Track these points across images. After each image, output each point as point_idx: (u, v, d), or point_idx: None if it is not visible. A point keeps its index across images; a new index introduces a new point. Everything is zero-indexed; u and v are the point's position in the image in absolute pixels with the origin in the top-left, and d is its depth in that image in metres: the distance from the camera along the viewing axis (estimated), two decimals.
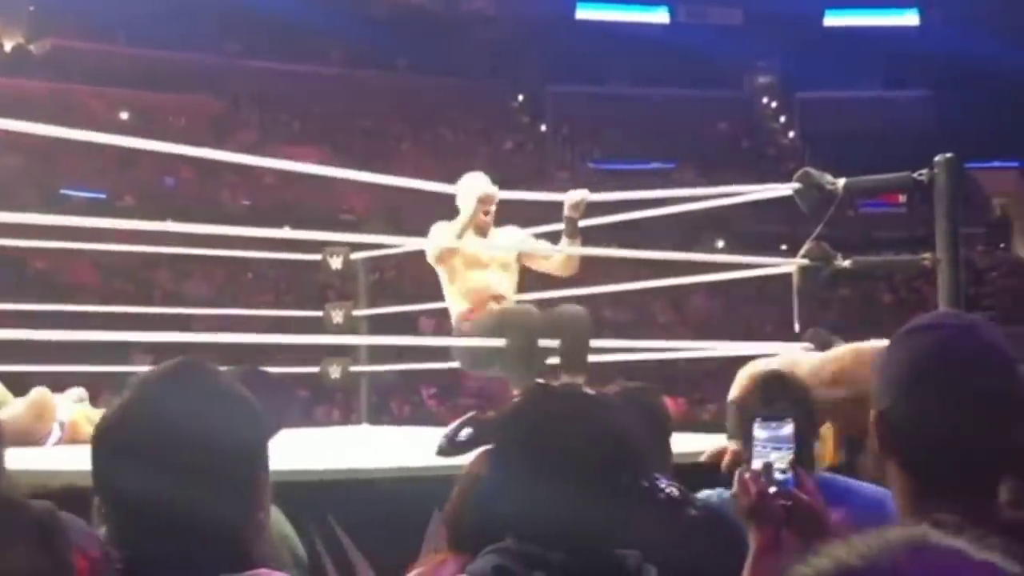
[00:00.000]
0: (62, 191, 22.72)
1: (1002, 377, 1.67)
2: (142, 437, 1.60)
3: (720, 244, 26.90)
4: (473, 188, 6.11)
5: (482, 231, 6.22)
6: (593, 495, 1.83)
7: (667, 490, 1.91)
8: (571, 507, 1.82)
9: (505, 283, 6.24)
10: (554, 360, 5.92)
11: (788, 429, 1.99)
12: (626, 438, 1.90)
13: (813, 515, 1.92)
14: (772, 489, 1.93)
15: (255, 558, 1.64)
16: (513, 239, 6.31)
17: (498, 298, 6.14)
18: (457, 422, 2.04)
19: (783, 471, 1.97)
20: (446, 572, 2.42)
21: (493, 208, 6.19)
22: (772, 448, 1.98)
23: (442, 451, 2.09)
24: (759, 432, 1.98)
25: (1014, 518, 1.69)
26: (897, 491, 1.72)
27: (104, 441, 1.64)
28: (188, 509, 1.57)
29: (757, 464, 1.97)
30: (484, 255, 6.23)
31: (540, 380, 1.90)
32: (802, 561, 0.86)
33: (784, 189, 5.86)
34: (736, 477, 2.00)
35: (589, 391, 1.97)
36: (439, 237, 6.14)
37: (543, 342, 5.72)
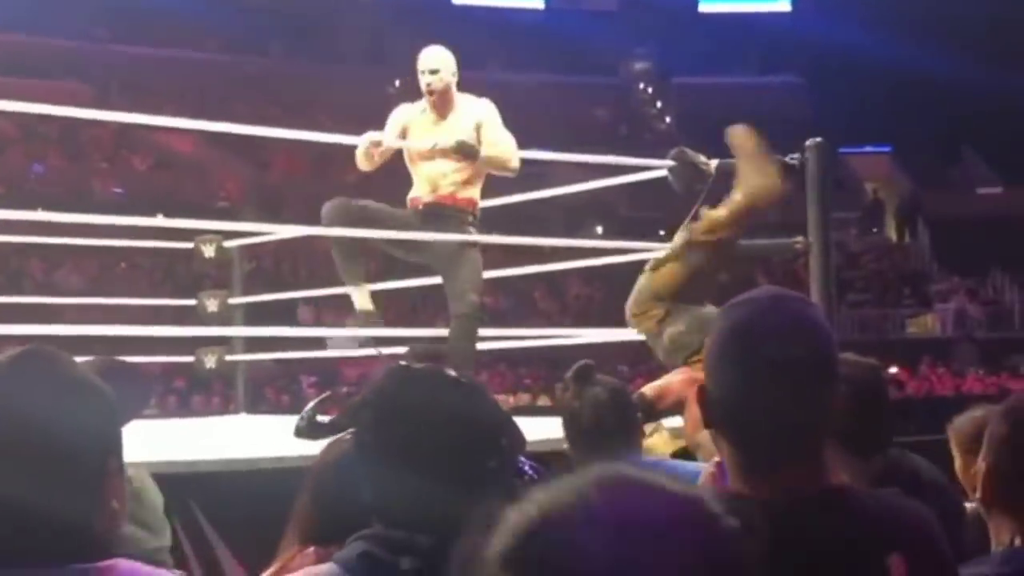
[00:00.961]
0: None
1: (804, 345, 1.70)
2: None
3: (600, 230, 27.07)
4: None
5: (439, 112, 6.09)
6: (460, 479, 1.80)
7: (531, 473, 1.89)
8: (437, 492, 1.79)
9: (453, 172, 6.04)
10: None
11: None
12: (492, 421, 1.87)
13: None
14: None
15: (112, 547, 1.61)
16: (460, 126, 6.06)
17: (436, 188, 6.04)
18: (314, 402, 2.00)
19: None
20: (306, 563, 2.38)
21: (437, 86, 6.03)
22: None
23: (300, 432, 2.03)
24: None
25: (837, 484, 1.73)
26: (727, 464, 1.76)
27: None
28: (35, 500, 1.53)
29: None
30: (425, 145, 6.06)
31: (402, 362, 1.87)
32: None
33: (660, 168, 5.93)
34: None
35: (452, 373, 1.94)
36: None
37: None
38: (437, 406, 1.84)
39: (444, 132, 6.01)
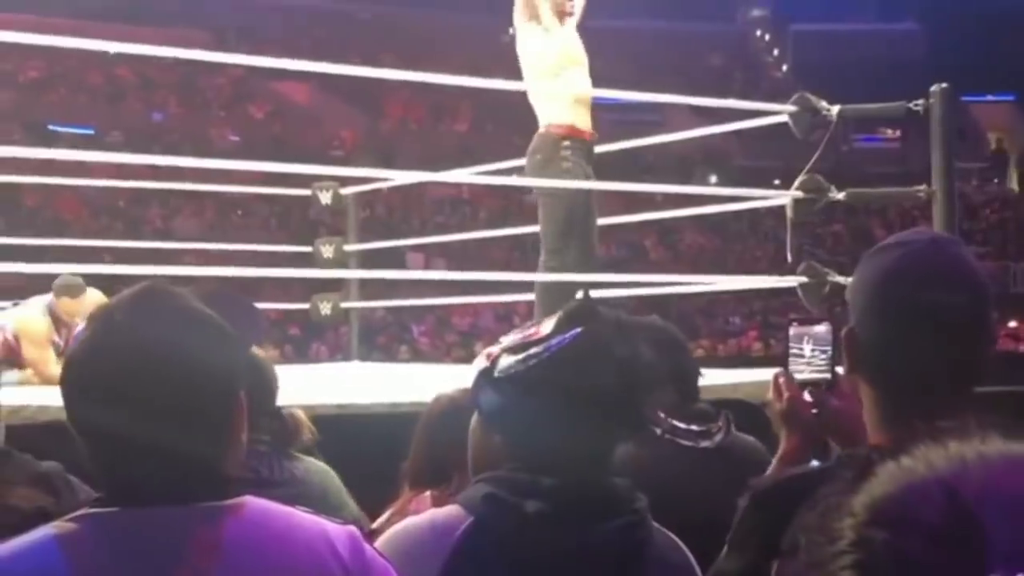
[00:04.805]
0: (50, 127, 22.58)
1: (966, 291, 1.64)
2: (110, 366, 1.53)
3: (713, 179, 26.83)
4: None
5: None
6: (590, 425, 1.80)
7: (670, 423, 1.86)
8: (566, 436, 1.78)
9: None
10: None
11: (824, 330, 1.99)
12: (630, 370, 1.85)
13: (844, 419, 1.92)
14: (806, 394, 1.94)
15: (238, 484, 1.59)
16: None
17: (590, 107, 5.62)
18: (495, 347, 1.99)
19: (820, 371, 1.97)
20: (422, 507, 2.39)
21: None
22: (809, 350, 1.97)
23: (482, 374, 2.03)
24: (794, 332, 1.98)
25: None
26: (867, 406, 1.71)
27: (73, 374, 1.56)
28: (163, 436, 1.51)
29: (793, 367, 1.98)
30: (580, 52, 5.61)
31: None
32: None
33: (780, 114, 5.82)
34: (772, 380, 2.01)
35: (617, 319, 1.91)
36: None
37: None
38: (607, 352, 1.82)
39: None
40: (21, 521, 2.13)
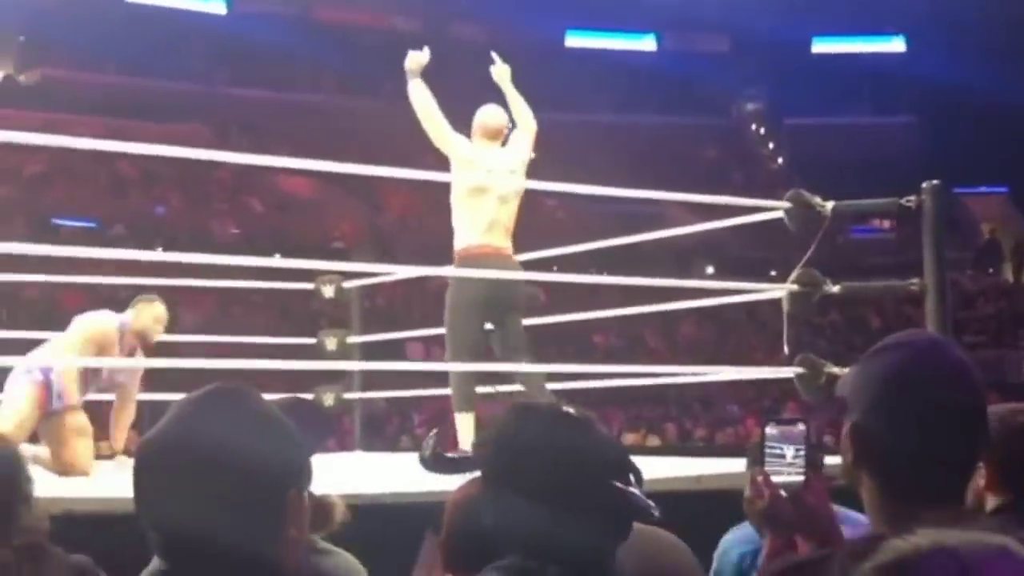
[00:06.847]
0: (53, 220, 22.71)
1: (966, 392, 1.75)
2: (179, 461, 1.64)
3: (710, 270, 26.96)
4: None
5: None
6: (580, 511, 1.85)
7: (648, 508, 1.93)
8: (559, 523, 1.84)
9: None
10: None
11: (800, 430, 2.04)
12: (607, 455, 1.93)
13: (817, 518, 1.97)
14: (782, 492, 1.98)
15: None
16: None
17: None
18: (432, 435, 2.05)
19: (797, 472, 2.02)
20: None
21: None
22: (785, 448, 2.03)
23: (427, 466, 2.08)
24: (771, 432, 2.03)
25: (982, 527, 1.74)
26: (868, 498, 1.79)
27: (144, 465, 1.68)
28: (215, 530, 1.60)
29: (770, 467, 2.03)
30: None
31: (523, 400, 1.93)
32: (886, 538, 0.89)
33: (775, 210, 5.92)
34: (749, 480, 2.05)
35: (570, 409, 2.00)
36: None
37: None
38: (553, 441, 1.90)
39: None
40: None
